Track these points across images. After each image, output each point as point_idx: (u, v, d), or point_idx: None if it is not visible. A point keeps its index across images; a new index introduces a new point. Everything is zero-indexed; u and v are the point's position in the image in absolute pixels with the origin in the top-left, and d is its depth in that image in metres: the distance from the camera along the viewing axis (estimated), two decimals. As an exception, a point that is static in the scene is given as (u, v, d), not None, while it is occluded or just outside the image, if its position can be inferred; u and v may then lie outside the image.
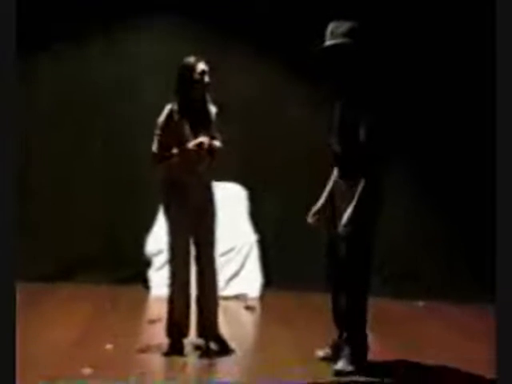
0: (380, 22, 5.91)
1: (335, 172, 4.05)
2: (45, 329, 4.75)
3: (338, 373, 3.86)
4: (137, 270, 6.28)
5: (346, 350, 3.91)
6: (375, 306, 4.60)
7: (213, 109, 4.35)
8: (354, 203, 3.77)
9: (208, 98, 4.29)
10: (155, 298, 5.78)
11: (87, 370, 3.78)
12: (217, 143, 4.25)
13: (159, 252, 5.88)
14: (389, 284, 6.26)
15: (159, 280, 5.68)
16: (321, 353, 4.13)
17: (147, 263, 6.19)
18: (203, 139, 4.14)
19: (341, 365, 3.89)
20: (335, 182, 4.05)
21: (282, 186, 6.46)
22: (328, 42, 3.86)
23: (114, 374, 3.77)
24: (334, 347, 4.08)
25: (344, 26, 3.84)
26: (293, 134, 6.45)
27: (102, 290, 6.09)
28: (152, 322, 4.96)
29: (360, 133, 3.78)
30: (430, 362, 4.19)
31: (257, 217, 6.46)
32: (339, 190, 3.98)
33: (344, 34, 3.81)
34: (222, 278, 5.48)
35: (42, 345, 4.33)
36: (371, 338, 4.03)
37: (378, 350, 4.18)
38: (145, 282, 6.20)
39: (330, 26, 3.88)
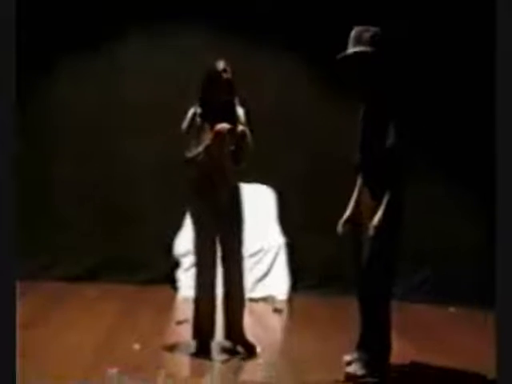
0: (399, 28, 5.78)
1: (360, 179, 4.02)
2: (71, 328, 4.77)
3: (349, 376, 3.84)
4: (165, 271, 6.29)
5: (361, 353, 3.89)
6: (404, 310, 4.55)
7: (240, 110, 4.32)
8: (383, 207, 3.71)
9: (235, 99, 4.27)
10: (183, 299, 5.77)
11: (114, 370, 3.79)
12: (239, 128, 4.17)
13: (188, 253, 5.85)
14: (420, 289, 6.21)
15: (187, 281, 5.67)
16: (348, 357, 4.09)
17: (175, 264, 6.20)
18: (220, 126, 4.09)
19: (352, 368, 3.87)
20: (360, 189, 4.01)
21: (309, 189, 6.42)
22: (351, 50, 3.79)
23: (141, 373, 3.78)
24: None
25: (367, 32, 3.76)
26: (322, 139, 6.41)
27: (129, 290, 6.09)
28: (179, 323, 4.97)
29: (386, 140, 3.72)
30: (451, 366, 4.17)
31: (285, 219, 6.43)
32: (365, 197, 3.93)
33: (367, 41, 3.73)
34: (250, 279, 5.48)
35: (67, 345, 4.35)
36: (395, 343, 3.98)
37: (402, 354, 4.16)
38: (173, 283, 6.21)
39: (353, 32, 3.80)
